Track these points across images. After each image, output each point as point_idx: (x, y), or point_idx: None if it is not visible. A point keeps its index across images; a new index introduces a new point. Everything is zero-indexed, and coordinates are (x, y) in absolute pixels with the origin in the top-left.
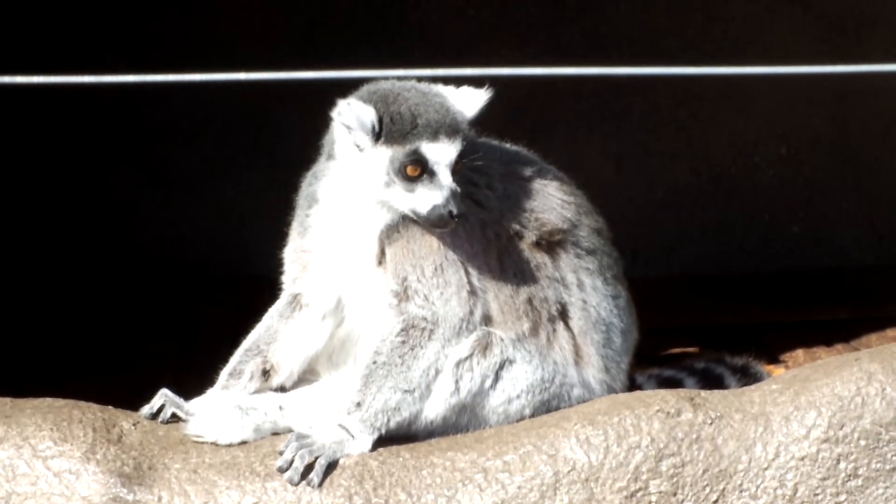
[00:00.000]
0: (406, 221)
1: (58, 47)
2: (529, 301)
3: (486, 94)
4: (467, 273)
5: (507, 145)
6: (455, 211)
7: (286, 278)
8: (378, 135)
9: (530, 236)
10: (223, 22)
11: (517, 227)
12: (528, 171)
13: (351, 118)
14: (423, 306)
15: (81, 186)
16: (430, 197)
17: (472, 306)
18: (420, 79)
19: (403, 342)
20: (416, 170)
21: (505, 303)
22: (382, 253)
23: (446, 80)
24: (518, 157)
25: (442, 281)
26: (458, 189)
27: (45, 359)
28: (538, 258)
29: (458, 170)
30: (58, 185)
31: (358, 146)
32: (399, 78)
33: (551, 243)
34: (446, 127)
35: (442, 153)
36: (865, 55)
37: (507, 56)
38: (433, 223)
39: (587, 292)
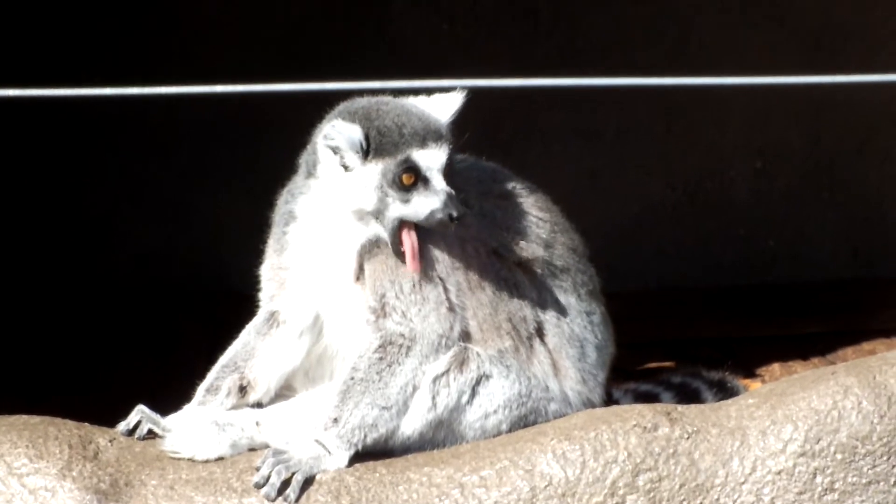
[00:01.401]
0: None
1: (34, 63)
2: (509, 319)
3: (459, 98)
4: (446, 290)
5: (483, 162)
6: (455, 213)
7: (263, 296)
8: (367, 151)
9: (508, 256)
10: (199, 37)
11: (494, 244)
12: (503, 189)
13: (338, 139)
14: (400, 323)
15: (58, 202)
16: (427, 203)
17: (452, 322)
18: (395, 94)
19: (381, 359)
20: (411, 178)
21: (484, 320)
22: (361, 269)
23: (422, 93)
24: (493, 175)
25: (420, 297)
26: (454, 192)
27: (21, 375)
28: (516, 276)
29: (448, 173)
30: (34, 200)
31: (345, 166)
32: (375, 92)
33: (527, 262)
34: (432, 133)
35: (433, 158)
36: (840, 69)
37: (482, 71)
38: (433, 229)
39: (561, 310)
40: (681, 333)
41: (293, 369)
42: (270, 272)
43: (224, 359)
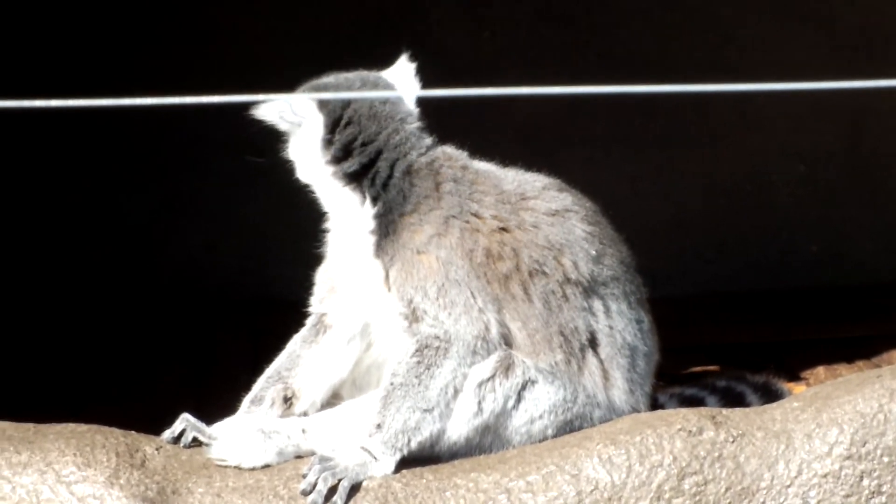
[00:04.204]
0: (392, 243)
1: (73, 72)
2: (560, 332)
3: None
4: (473, 295)
5: (532, 174)
6: None
7: (313, 299)
8: None
9: (555, 274)
10: (240, 48)
11: (539, 261)
12: (551, 207)
13: None
14: (433, 325)
15: (99, 211)
16: None
17: (486, 324)
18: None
19: (419, 362)
20: None
21: (534, 332)
22: (388, 276)
23: (460, 101)
24: (542, 191)
25: (448, 301)
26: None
27: (65, 384)
28: (565, 290)
29: None
30: (75, 209)
31: None
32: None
33: (574, 280)
34: None
35: None
36: (882, 73)
37: (522, 78)
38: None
39: (613, 318)
40: (724, 338)
41: (340, 380)
42: (322, 275)
43: (269, 370)
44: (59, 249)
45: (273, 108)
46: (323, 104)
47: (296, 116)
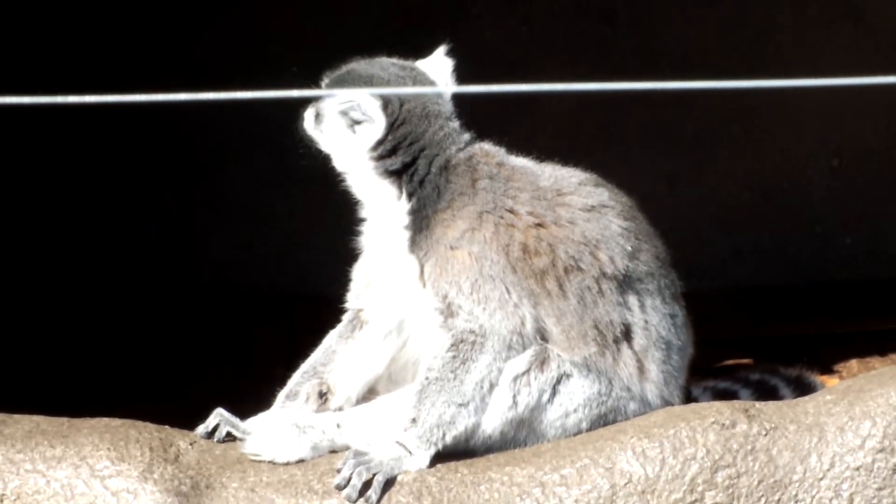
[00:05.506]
0: (426, 238)
1: (109, 66)
2: (595, 326)
3: None
4: (507, 290)
5: (568, 170)
6: None
7: (350, 295)
8: None
9: (591, 270)
10: (275, 42)
11: (570, 263)
12: (587, 202)
13: None
14: (469, 320)
15: (135, 207)
16: None
17: (522, 318)
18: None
19: (454, 357)
20: None
21: (569, 328)
22: (423, 271)
23: (498, 96)
24: (578, 187)
25: (482, 296)
26: None
27: (100, 380)
28: (601, 285)
29: None
30: (111, 206)
31: None
32: (455, 96)
33: (611, 274)
34: None
35: None
36: None
37: (560, 73)
38: None
39: (648, 312)
40: (759, 331)
41: (376, 376)
42: (360, 270)
43: (305, 365)
44: (97, 246)
45: (336, 104)
46: (385, 104)
47: (363, 116)
